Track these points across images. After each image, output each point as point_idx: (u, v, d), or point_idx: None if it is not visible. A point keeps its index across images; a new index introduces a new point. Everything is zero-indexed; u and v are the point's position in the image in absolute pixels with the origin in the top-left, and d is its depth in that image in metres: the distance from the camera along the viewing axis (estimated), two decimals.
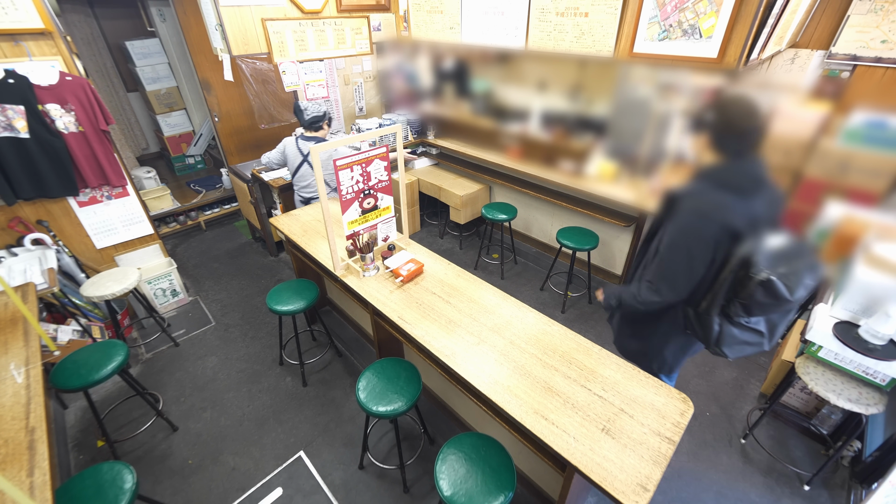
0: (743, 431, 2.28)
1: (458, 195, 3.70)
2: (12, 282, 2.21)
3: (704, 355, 2.75)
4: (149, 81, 4.84)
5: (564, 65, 2.22)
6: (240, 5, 3.01)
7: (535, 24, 2.91)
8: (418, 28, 3.80)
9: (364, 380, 1.80)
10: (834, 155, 1.52)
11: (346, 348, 2.88)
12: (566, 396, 1.45)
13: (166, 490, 2.04)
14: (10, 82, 2.19)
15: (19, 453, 1.32)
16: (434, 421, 2.37)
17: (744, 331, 1.40)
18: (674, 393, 1.45)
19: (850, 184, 1.53)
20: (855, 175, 1.52)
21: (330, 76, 3.90)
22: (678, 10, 2.27)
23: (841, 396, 1.77)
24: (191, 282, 3.54)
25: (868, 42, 2.72)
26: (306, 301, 2.33)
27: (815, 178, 1.59)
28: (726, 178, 1.29)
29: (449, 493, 1.38)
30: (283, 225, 2.56)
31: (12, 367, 1.62)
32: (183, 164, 5.28)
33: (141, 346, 2.89)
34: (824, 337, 1.83)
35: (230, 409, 2.43)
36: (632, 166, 1.96)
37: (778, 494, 2.00)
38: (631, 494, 1.16)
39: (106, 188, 2.78)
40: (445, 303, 1.90)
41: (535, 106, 2.17)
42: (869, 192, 1.51)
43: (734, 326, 1.40)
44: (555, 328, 1.74)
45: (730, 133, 1.25)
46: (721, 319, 1.41)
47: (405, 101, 3.48)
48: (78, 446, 2.26)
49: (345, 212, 1.95)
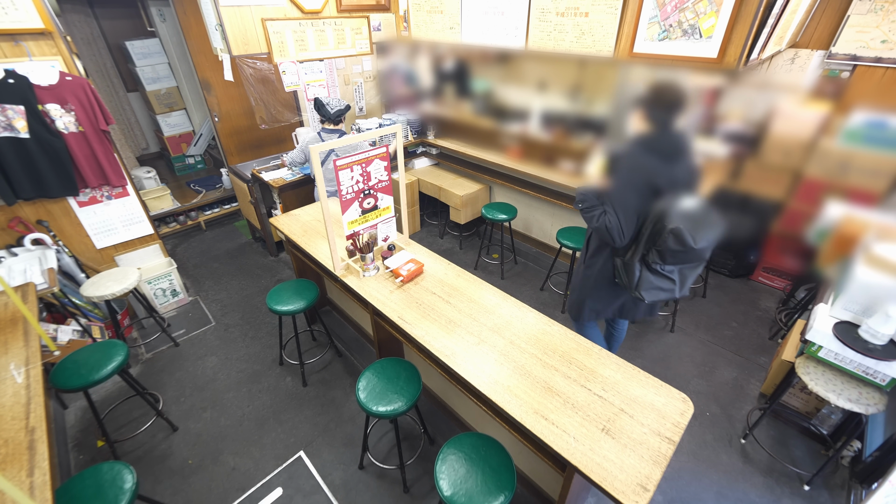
0: (743, 431, 2.28)
1: (458, 195, 3.70)
2: (12, 282, 2.21)
3: (704, 355, 2.75)
4: (149, 81, 4.84)
5: (564, 65, 2.21)
6: (240, 5, 3.01)
7: (535, 24, 2.91)
8: (418, 28, 3.80)
9: (364, 380, 1.80)
10: (834, 155, 1.52)
11: (346, 348, 2.88)
12: (566, 396, 1.45)
13: (166, 490, 2.04)
14: (10, 82, 2.19)
15: (19, 453, 1.32)
16: (434, 421, 2.37)
17: (659, 277, 1.68)
18: (674, 393, 1.45)
19: (850, 184, 1.53)
20: (855, 175, 1.52)
21: (330, 76, 3.90)
22: (678, 10, 2.27)
23: (841, 396, 1.77)
24: (191, 282, 3.54)
25: (868, 42, 2.72)
26: (306, 301, 2.33)
27: (815, 178, 1.59)
28: (653, 143, 1.57)
29: (449, 493, 1.38)
30: (283, 225, 2.57)
31: (12, 367, 1.62)
32: (183, 164, 5.28)
33: (141, 346, 2.89)
34: (824, 337, 1.83)
35: (230, 409, 2.43)
36: None
37: (778, 494, 2.00)
38: (631, 494, 1.16)
39: (106, 188, 2.78)
40: (445, 303, 1.90)
41: (535, 106, 2.16)
42: (869, 192, 1.51)
43: (651, 273, 1.68)
44: (555, 328, 1.74)
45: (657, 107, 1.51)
46: (641, 266, 1.69)
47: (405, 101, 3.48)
48: (78, 446, 2.26)
49: (345, 212, 1.95)
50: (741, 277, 3.50)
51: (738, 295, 3.32)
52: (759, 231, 2.05)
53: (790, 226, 1.70)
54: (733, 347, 2.83)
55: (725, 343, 2.87)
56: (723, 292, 3.34)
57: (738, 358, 2.75)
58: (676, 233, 1.49)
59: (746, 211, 1.88)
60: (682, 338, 2.91)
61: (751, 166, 1.66)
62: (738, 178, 1.70)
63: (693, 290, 3.35)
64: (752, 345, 2.85)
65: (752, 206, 1.80)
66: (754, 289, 3.38)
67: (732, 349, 2.81)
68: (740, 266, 3.46)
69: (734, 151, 1.63)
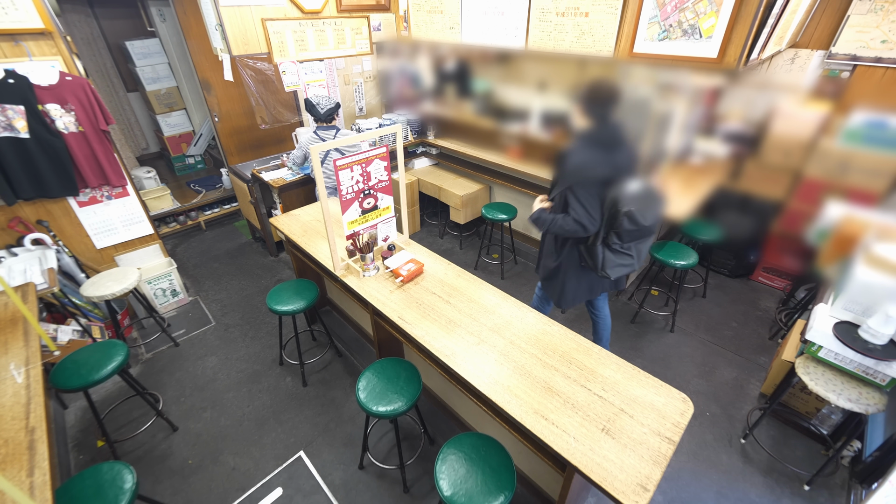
0: (743, 431, 2.28)
1: (458, 195, 3.70)
2: (12, 282, 2.21)
3: (704, 355, 2.76)
4: (149, 81, 4.84)
5: (564, 65, 2.21)
6: (240, 5, 3.01)
7: (535, 24, 2.91)
8: (418, 28, 3.80)
9: (364, 380, 1.80)
10: (834, 155, 1.52)
11: (346, 348, 2.88)
12: (566, 396, 1.45)
13: (166, 490, 2.04)
14: (10, 82, 2.19)
15: (19, 453, 1.32)
16: (434, 421, 2.37)
17: (619, 255, 1.88)
18: (674, 393, 1.45)
19: (850, 184, 1.53)
20: (855, 175, 1.52)
21: (330, 76, 3.90)
22: (678, 10, 2.27)
23: (841, 396, 1.77)
24: (191, 282, 3.54)
25: (868, 42, 2.72)
26: (306, 301, 2.33)
27: (815, 178, 1.59)
28: (594, 137, 1.72)
29: (449, 493, 1.38)
30: (283, 225, 2.57)
31: (12, 367, 1.62)
32: (183, 164, 5.28)
33: (141, 346, 2.89)
34: (824, 337, 1.83)
35: (230, 409, 2.43)
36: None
37: (778, 494, 2.00)
38: (631, 494, 1.16)
39: (106, 188, 2.78)
40: (445, 303, 1.90)
41: (535, 106, 2.16)
42: (869, 192, 1.51)
43: (612, 252, 1.87)
44: (555, 328, 1.74)
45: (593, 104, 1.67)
46: (603, 248, 1.86)
47: (405, 101, 3.48)
48: (78, 446, 2.26)
49: (345, 212, 1.95)
50: (741, 277, 3.50)
51: (738, 295, 3.32)
52: (759, 231, 2.06)
53: (790, 226, 1.71)
54: (733, 347, 2.83)
55: (725, 343, 2.87)
56: (723, 292, 3.34)
57: (738, 358, 2.75)
58: (629, 215, 1.69)
59: (746, 211, 1.88)
60: (682, 338, 2.91)
61: (751, 166, 1.66)
62: (738, 179, 1.70)
63: (693, 290, 3.35)
64: (752, 345, 2.85)
65: (752, 206, 1.81)
66: (754, 289, 3.38)
67: (732, 349, 2.81)
68: (740, 266, 3.46)
69: (734, 151, 1.63)
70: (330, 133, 2.97)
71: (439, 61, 2.59)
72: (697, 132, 1.65)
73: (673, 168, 1.73)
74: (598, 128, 1.70)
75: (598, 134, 1.72)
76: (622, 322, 3.05)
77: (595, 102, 1.67)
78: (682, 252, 2.71)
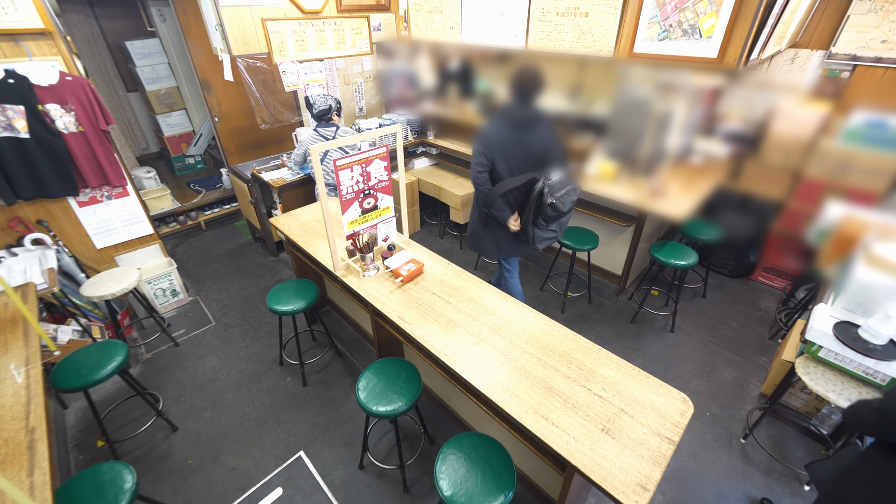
0: (743, 431, 2.28)
1: (458, 195, 3.70)
2: (12, 282, 2.21)
3: (704, 355, 2.76)
4: (149, 81, 4.84)
5: (564, 65, 2.21)
6: (240, 5, 3.01)
7: (535, 24, 2.91)
8: (418, 28, 3.80)
9: (364, 380, 1.80)
10: (834, 155, 1.52)
11: (346, 348, 2.88)
12: (566, 396, 1.45)
13: (166, 490, 2.04)
14: (10, 82, 2.19)
15: (19, 453, 1.32)
16: (434, 421, 2.37)
17: (546, 231, 2.27)
18: (674, 393, 1.45)
19: (850, 184, 1.53)
20: (855, 175, 1.52)
21: (330, 76, 3.90)
22: (678, 10, 2.27)
23: (841, 396, 1.77)
24: (191, 282, 3.54)
25: (868, 42, 2.72)
26: (306, 301, 2.33)
27: (815, 178, 1.59)
28: (510, 113, 2.06)
29: (449, 493, 1.38)
30: (283, 225, 2.57)
31: (12, 367, 1.62)
32: (183, 164, 5.28)
33: (141, 346, 2.89)
34: (824, 337, 1.83)
35: (230, 409, 2.43)
36: (632, 166, 1.96)
37: (778, 494, 2.00)
38: (631, 494, 1.16)
39: (106, 188, 2.78)
40: (445, 303, 1.90)
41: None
42: (869, 192, 1.51)
43: (540, 230, 2.25)
44: (555, 328, 1.74)
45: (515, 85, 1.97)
46: (533, 228, 2.23)
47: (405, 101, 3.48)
48: (78, 446, 2.26)
49: (345, 212, 1.95)
50: (741, 277, 3.50)
51: (738, 295, 3.32)
52: (759, 231, 2.06)
53: (790, 226, 1.71)
54: (733, 347, 2.83)
55: (725, 343, 2.87)
56: (723, 292, 3.34)
57: (738, 358, 2.75)
58: (553, 205, 2.07)
59: (746, 211, 1.88)
60: (682, 338, 2.91)
61: (751, 166, 1.66)
62: (738, 178, 1.70)
63: (693, 290, 3.35)
64: (752, 345, 2.85)
65: (752, 206, 1.81)
66: (754, 289, 3.38)
67: (732, 349, 2.82)
68: (740, 266, 3.46)
69: (734, 151, 1.63)
70: (330, 131, 2.98)
71: (439, 61, 2.59)
72: (697, 132, 1.65)
73: (673, 168, 1.73)
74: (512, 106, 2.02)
75: (510, 111, 2.05)
76: (622, 322, 3.05)
77: (517, 84, 1.96)
78: (682, 252, 2.71)
